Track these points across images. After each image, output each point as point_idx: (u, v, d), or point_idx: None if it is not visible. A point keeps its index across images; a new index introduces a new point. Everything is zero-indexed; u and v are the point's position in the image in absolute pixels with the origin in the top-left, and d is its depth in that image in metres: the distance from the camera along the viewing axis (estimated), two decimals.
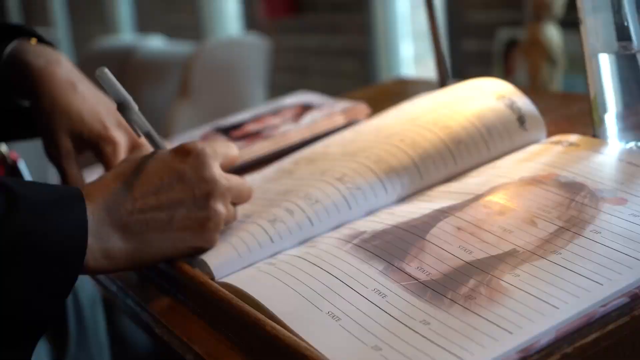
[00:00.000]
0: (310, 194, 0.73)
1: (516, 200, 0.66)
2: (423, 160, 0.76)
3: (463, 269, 0.58)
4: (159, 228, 0.66)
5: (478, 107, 0.80)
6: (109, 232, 0.64)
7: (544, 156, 0.74)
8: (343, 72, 3.87)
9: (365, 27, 3.62)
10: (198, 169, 0.68)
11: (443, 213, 0.67)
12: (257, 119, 1.11)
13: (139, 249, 0.66)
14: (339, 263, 0.63)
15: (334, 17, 3.82)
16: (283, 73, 4.21)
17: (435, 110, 0.82)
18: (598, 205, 0.63)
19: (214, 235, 0.69)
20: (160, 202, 0.67)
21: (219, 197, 0.68)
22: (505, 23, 2.74)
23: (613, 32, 0.72)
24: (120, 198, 0.66)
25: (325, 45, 3.95)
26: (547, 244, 0.59)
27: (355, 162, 0.77)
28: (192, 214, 0.67)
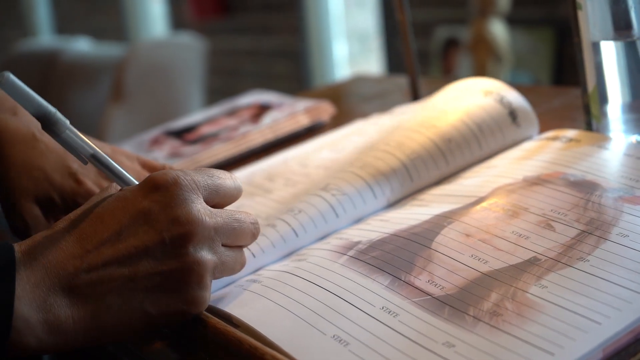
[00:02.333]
0: (292, 207, 0.66)
1: (525, 202, 0.60)
2: (412, 161, 0.69)
3: (480, 281, 0.52)
4: (119, 288, 0.50)
5: (466, 105, 0.74)
6: (53, 299, 0.48)
7: (543, 153, 0.68)
8: (276, 73, 3.80)
9: (297, 28, 3.56)
10: (168, 206, 0.51)
11: (445, 218, 0.60)
12: (212, 120, 1.03)
13: (94, 318, 0.50)
14: (336, 278, 0.56)
15: (265, 17, 3.74)
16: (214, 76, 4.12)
17: (420, 114, 0.76)
18: (617, 205, 0.57)
19: (199, 293, 0.52)
20: (118, 253, 0.50)
21: (200, 241, 0.52)
22: (443, 21, 2.71)
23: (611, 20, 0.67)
24: (68, 253, 0.50)
25: (257, 46, 3.87)
26: (570, 249, 0.53)
27: (337, 171, 0.71)
28: (163, 267, 0.51)
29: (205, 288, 0.52)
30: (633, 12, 0.66)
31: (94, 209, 0.52)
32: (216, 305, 0.56)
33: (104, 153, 0.55)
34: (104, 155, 0.55)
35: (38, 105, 0.52)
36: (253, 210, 0.73)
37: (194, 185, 0.53)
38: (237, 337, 0.51)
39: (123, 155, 0.73)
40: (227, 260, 0.54)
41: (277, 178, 0.79)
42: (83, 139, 0.54)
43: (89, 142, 0.55)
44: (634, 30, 0.67)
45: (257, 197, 0.76)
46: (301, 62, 3.59)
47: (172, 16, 4.44)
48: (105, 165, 0.55)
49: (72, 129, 0.54)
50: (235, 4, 3.89)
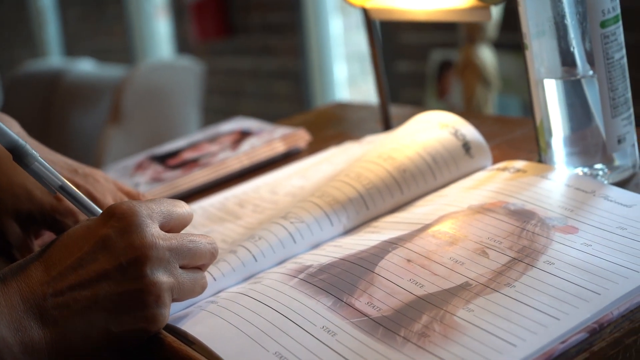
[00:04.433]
0: (254, 235, 0.71)
1: (466, 229, 0.64)
2: (368, 191, 0.74)
3: (415, 303, 0.56)
4: (83, 310, 0.54)
5: (422, 138, 0.78)
6: (27, 322, 0.53)
7: (491, 183, 0.72)
8: (277, 94, 3.85)
9: (298, 49, 3.61)
10: (125, 232, 0.56)
11: (391, 244, 0.65)
12: (194, 146, 1.08)
13: (63, 338, 0.54)
14: (285, 299, 0.60)
15: (266, 38, 3.80)
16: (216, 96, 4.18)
17: (380, 146, 0.80)
18: (549, 234, 0.61)
19: (157, 312, 0.56)
20: (81, 277, 0.55)
21: (155, 263, 0.56)
22: (438, 44, 2.76)
23: (558, 58, 0.71)
24: (37, 279, 0.55)
25: (258, 67, 3.93)
26: (499, 276, 0.57)
27: (299, 202, 0.75)
28: (122, 288, 0.55)
29: (163, 306, 0.56)
30: (576, 52, 0.70)
31: (61, 238, 0.57)
32: (174, 323, 0.60)
33: (71, 185, 0.60)
34: (71, 187, 0.60)
35: (9, 138, 0.57)
36: (222, 235, 0.77)
37: (149, 212, 0.57)
38: (190, 355, 0.55)
39: (101, 178, 0.77)
40: (184, 281, 0.59)
41: (247, 204, 0.83)
42: (52, 170, 0.59)
43: (57, 174, 0.59)
44: (578, 69, 0.71)
45: (227, 223, 0.80)
46: (302, 83, 3.65)
47: (176, 37, 4.50)
48: (72, 196, 0.60)
49: (41, 162, 0.59)
50: (237, 26, 3.95)
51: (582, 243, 0.60)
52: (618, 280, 0.54)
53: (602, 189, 0.67)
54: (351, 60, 3.65)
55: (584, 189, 0.67)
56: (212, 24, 3.98)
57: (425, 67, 2.82)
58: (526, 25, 0.71)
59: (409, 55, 2.99)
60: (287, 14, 3.62)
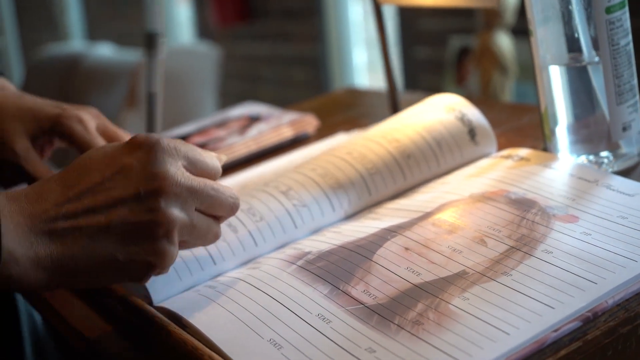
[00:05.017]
0: (253, 207, 0.70)
1: (466, 218, 0.64)
2: (371, 176, 0.73)
3: (410, 292, 0.56)
4: (93, 234, 0.54)
5: (428, 120, 0.78)
6: (34, 238, 0.53)
7: (493, 171, 0.72)
8: (295, 80, 3.85)
9: (317, 35, 3.60)
10: (148, 163, 0.56)
11: (390, 232, 0.64)
12: (203, 131, 1.07)
13: (70, 259, 0.54)
14: (282, 286, 0.60)
15: (285, 24, 3.79)
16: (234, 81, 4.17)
17: (385, 125, 0.80)
18: (549, 223, 0.61)
19: (165, 247, 0.55)
20: (97, 202, 0.54)
21: (172, 198, 0.55)
22: (457, 30, 2.74)
23: (563, 44, 0.70)
24: (51, 200, 0.54)
25: (276, 53, 3.92)
26: (497, 264, 0.57)
27: (300, 174, 0.74)
28: (135, 217, 0.55)
29: (172, 243, 0.56)
30: (582, 38, 0.70)
31: (81, 160, 0.57)
32: (170, 307, 0.60)
33: None
34: None
35: None
36: None
37: (174, 151, 0.57)
38: (183, 338, 0.56)
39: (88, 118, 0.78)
40: (198, 225, 0.58)
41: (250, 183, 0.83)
42: None
43: None
44: (584, 55, 0.70)
45: None
46: (320, 69, 3.64)
47: (197, 22, 4.50)
48: None
49: None
50: (256, 11, 3.94)
51: (581, 232, 0.59)
52: (615, 270, 0.54)
53: (605, 178, 0.66)
54: (371, 45, 3.64)
55: (587, 178, 0.67)
56: (231, 9, 3.97)
57: (444, 54, 2.80)
58: (531, 11, 0.70)
59: (428, 41, 2.97)
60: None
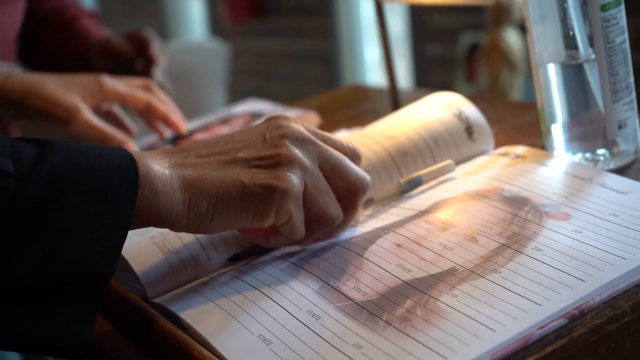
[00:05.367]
0: None
1: (459, 215, 0.64)
2: (368, 173, 0.74)
3: (400, 288, 0.56)
4: (222, 163, 0.59)
5: (426, 117, 0.78)
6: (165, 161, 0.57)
7: (489, 169, 0.72)
8: (307, 76, 3.85)
9: (329, 31, 3.60)
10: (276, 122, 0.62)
11: (384, 230, 0.65)
12: (206, 128, 1.08)
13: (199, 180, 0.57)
14: (275, 283, 0.60)
15: (298, 21, 3.80)
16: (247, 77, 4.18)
17: (384, 122, 0.80)
18: (541, 220, 0.61)
19: (288, 173, 0.58)
20: (227, 148, 0.60)
21: (296, 141, 0.60)
22: (468, 27, 2.73)
23: (560, 42, 0.70)
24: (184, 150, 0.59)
25: (289, 49, 3.93)
26: (487, 262, 0.57)
27: None
28: (260, 153, 0.59)
29: (293, 171, 0.59)
30: (578, 36, 0.70)
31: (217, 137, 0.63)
32: (166, 304, 0.61)
33: None
34: None
35: None
36: None
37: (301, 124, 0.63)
38: (174, 334, 0.56)
39: None
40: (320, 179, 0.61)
41: None
42: None
43: None
44: (580, 53, 0.70)
45: None
46: (332, 65, 3.64)
47: (209, 19, 4.51)
48: None
49: None
50: (269, 8, 3.95)
51: (572, 230, 0.59)
52: (604, 267, 0.54)
53: (599, 176, 0.66)
54: None
55: (581, 176, 0.67)
56: (244, 6, 3.98)
57: (455, 50, 2.80)
58: (527, 8, 0.71)
59: (439, 37, 2.97)
60: None
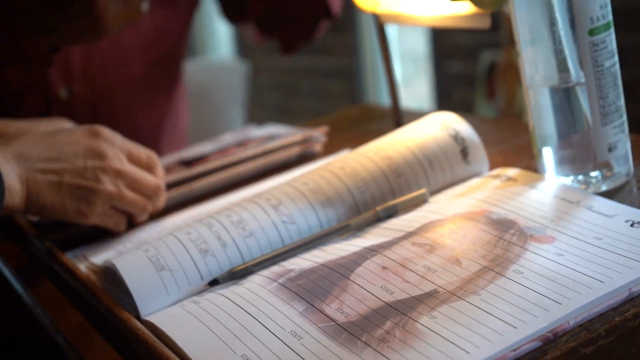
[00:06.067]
0: (243, 220, 0.72)
1: (445, 238, 0.65)
2: (361, 193, 0.75)
3: (382, 310, 0.57)
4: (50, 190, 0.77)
5: (422, 137, 0.79)
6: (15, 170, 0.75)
7: (480, 191, 0.73)
8: (331, 93, 3.87)
9: (353, 49, 3.62)
10: (97, 146, 0.79)
11: (371, 251, 0.66)
12: (222, 150, 1.08)
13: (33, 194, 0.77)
14: (261, 303, 0.62)
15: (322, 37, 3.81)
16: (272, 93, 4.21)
17: (382, 140, 0.81)
18: (525, 243, 0.62)
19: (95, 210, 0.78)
20: (56, 168, 0.77)
21: (108, 173, 0.78)
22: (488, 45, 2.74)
23: (551, 65, 0.71)
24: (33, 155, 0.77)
25: (313, 66, 3.95)
26: (468, 284, 0.58)
27: (292, 188, 0.76)
28: (79, 181, 0.77)
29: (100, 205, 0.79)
30: (569, 59, 0.70)
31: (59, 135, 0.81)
32: (154, 321, 0.62)
33: None
34: None
35: None
36: None
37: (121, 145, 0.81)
38: (160, 351, 0.57)
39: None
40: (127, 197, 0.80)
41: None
42: None
43: None
44: (571, 76, 0.71)
45: None
46: (356, 82, 3.66)
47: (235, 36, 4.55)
48: None
49: None
50: None
51: (555, 253, 0.60)
52: (580, 290, 0.54)
53: (587, 200, 0.67)
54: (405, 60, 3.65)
55: (569, 199, 0.67)
56: None
57: (476, 68, 2.80)
58: (517, 32, 0.71)
59: (460, 55, 2.97)
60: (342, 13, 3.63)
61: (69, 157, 0.78)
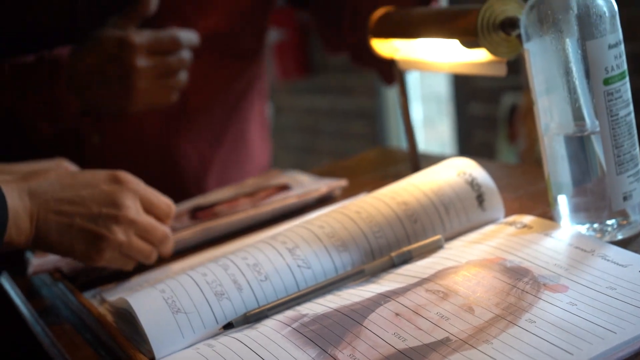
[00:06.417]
0: (259, 264, 0.72)
1: (459, 285, 0.65)
2: (377, 239, 0.75)
3: (394, 357, 0.57)
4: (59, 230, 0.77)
5: (439, 182, 0.79)
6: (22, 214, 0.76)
7: (495, 238, 0.73)
8: (353, 133, 3.89)
9: (375, 90, 3.64)
10: (116, 194, 0.79)
11: (384, 297, 0.66)
12: (231, 200, 1.07)
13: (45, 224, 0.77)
14: (274, 348, 0.62)
15: (344, 78, 3.85)
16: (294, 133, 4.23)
17: (399, 184, 0.81)
18: (538, 292, 0.62)
19: (103, 256, 0.79)
20: (69, 210, 0.78)
21: (121, 223, 0.78)
22: (510, 88, 2.74)
23: (566, 113, 0.71)
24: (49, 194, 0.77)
25: (336, 106, 3.97)
26: (480, 332, 0.58)
27: (308, 231, 0.76)
28: (91, 227, 0.78)
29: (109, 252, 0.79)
30: (584, 108, 0.71)
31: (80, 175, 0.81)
32: None
33: None
34: None
35: None
36: None
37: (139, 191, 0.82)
38: None
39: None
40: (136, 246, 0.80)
41: None
42: None
43: None
44: (587, 125, 0.71)
45: None
46: (377, 123, 3.67)
47: None
48: None
49: None
50: (317, 65, 4.01)
51: (568, 302, 0.60)
52: (593, 341, 0.54)
53: (601, 248, 0.67)
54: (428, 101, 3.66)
55: (584, 248, 0.67)
56: (293, 63, 4.05)
57: (498, 110, 2.81)
58: (532, 81, 0.72)
59: (482, 97, 2.98)
60: None
61: (85, 200, 0.78)
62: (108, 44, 1.03)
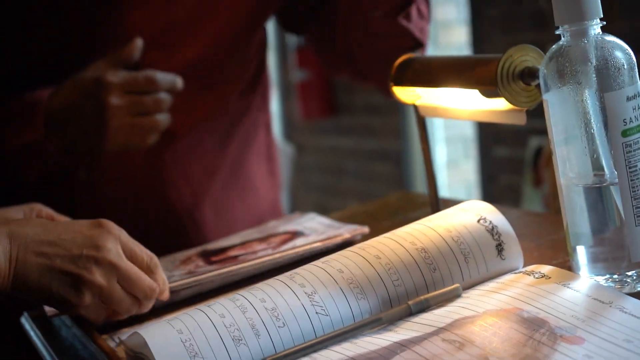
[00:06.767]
0: (277, 309, 0.72)
1: (475, 335, 0.65)
2: (395, 288, 0.75)
3: None
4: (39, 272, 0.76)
5: (459, 229, 0.78)
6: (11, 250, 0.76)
7: (512, 288, 0.73)
8: (377, 174, 3.89)
9: (399, 131, 3.65)
10: (97, 237, 0.78)
11: (400, 346, 0.66)
12: (243, 245, 1.07)
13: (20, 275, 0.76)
14: None
15: (369, 119, 3.86)
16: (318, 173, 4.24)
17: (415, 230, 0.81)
18: (555, 344, 0.62)
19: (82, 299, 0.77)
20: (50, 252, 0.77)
21: (101, 264, 0.77)
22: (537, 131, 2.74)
23: (586, 164, 0.71)
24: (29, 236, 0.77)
25: (359, 147, 3.99)
26: None
27: (327, 274, 0.76)
28: (71, 268, 0.76)
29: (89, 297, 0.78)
30: (603, 158, 0.71)
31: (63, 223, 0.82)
32: None
33: None
34: None
35: None
36: None
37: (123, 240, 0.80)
38: None
39: None
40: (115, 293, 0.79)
41: None
42: None
43: None
44: (606, 176, 0.71)
45: None
46: (402, 164, 3.68)
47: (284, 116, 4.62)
48: None
49: None
50: (341, 105, 4.03)
51: (584, 354, 0.59)
52: None
53: (619, 300, 0.67)
54: (452, 142, 3.67)
55: (602, 300, 0.67)
56: (317, 104, 4.07)
57: (524, 153, 2.80)
58: (551, 131, 0.72)
59: (508, 140, 2.98)
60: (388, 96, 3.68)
61: (65, 243, 0.78)
62: (85, 83, 1.06)
